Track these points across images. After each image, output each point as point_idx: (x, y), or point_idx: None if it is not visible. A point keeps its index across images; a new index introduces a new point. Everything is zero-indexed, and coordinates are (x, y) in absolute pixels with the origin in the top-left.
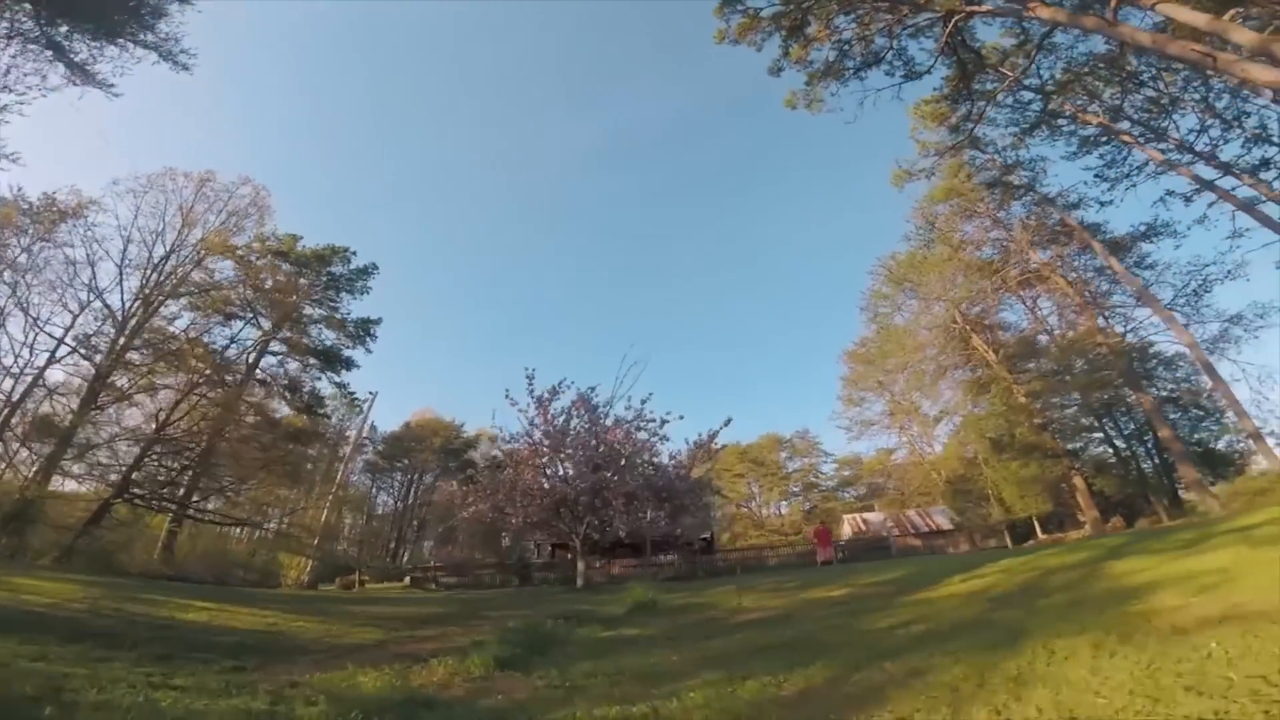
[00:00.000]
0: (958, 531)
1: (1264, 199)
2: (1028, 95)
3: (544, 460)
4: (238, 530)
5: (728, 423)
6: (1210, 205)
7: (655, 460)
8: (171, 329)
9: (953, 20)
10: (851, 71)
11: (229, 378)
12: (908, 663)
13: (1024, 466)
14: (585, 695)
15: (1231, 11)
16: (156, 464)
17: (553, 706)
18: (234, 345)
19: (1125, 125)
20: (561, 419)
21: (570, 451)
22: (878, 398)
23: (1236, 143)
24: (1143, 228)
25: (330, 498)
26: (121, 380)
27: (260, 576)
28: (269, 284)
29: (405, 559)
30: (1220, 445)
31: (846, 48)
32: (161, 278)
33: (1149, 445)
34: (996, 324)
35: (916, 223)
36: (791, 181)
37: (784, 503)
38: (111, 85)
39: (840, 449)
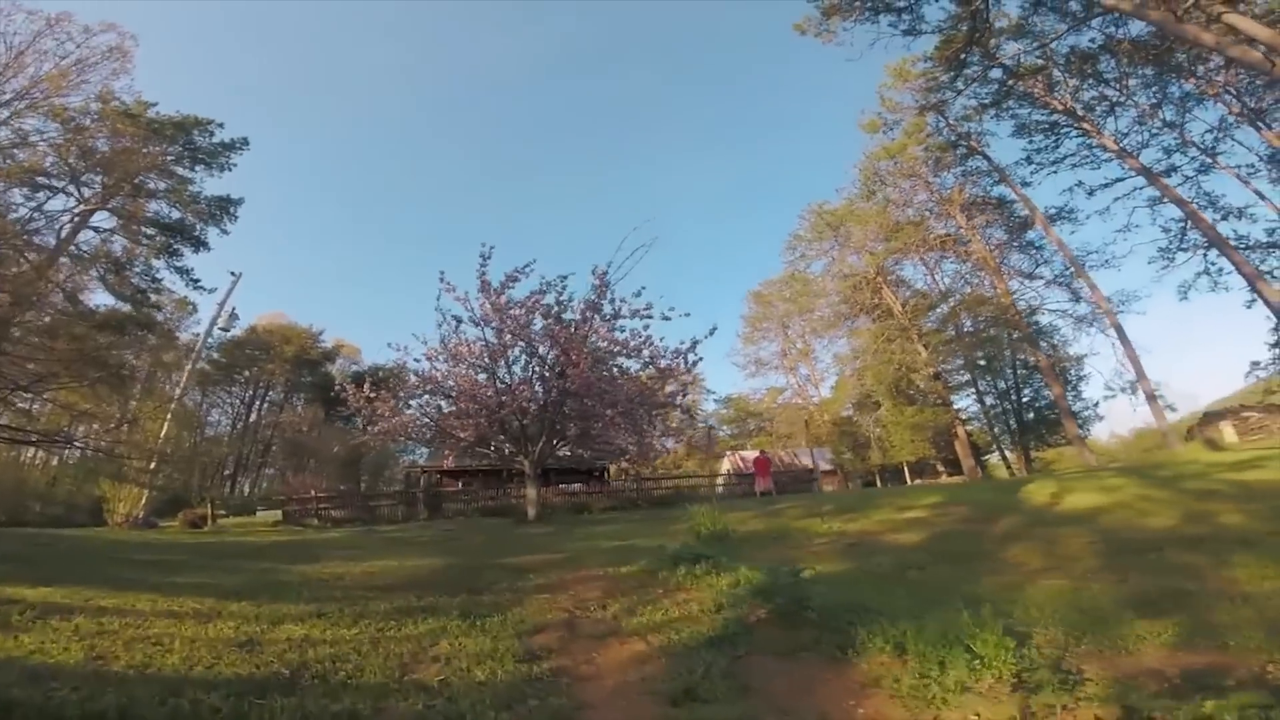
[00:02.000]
0: (825, 475)
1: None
2: (995, 73)
3: (488, 361)
4: (33, 453)
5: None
6: (1115, 200)
7: (659, 362)
8: None
9: None
10: (867, 12)
11: (30, 254)
12: None
13: (919, 412)
14: None
15: None
16: None
17: None
18: (41, 215)
19: (1061, 117)
20: (549, 297)
21: (536, 347)
22: (775, 339)
23: (1154, 149)
24: (1052, 210)
25: (172, 407)
26: None
27: (67, 511)
28: (103, 147)
29: (247, 490)
30: (1076, 408)
31: None
32: None
33: (1014, 405)
34: (900, 280)
35: (862, 174)
36: (719, 115)
37: (668, 438)
38: None
39: (722, 388)
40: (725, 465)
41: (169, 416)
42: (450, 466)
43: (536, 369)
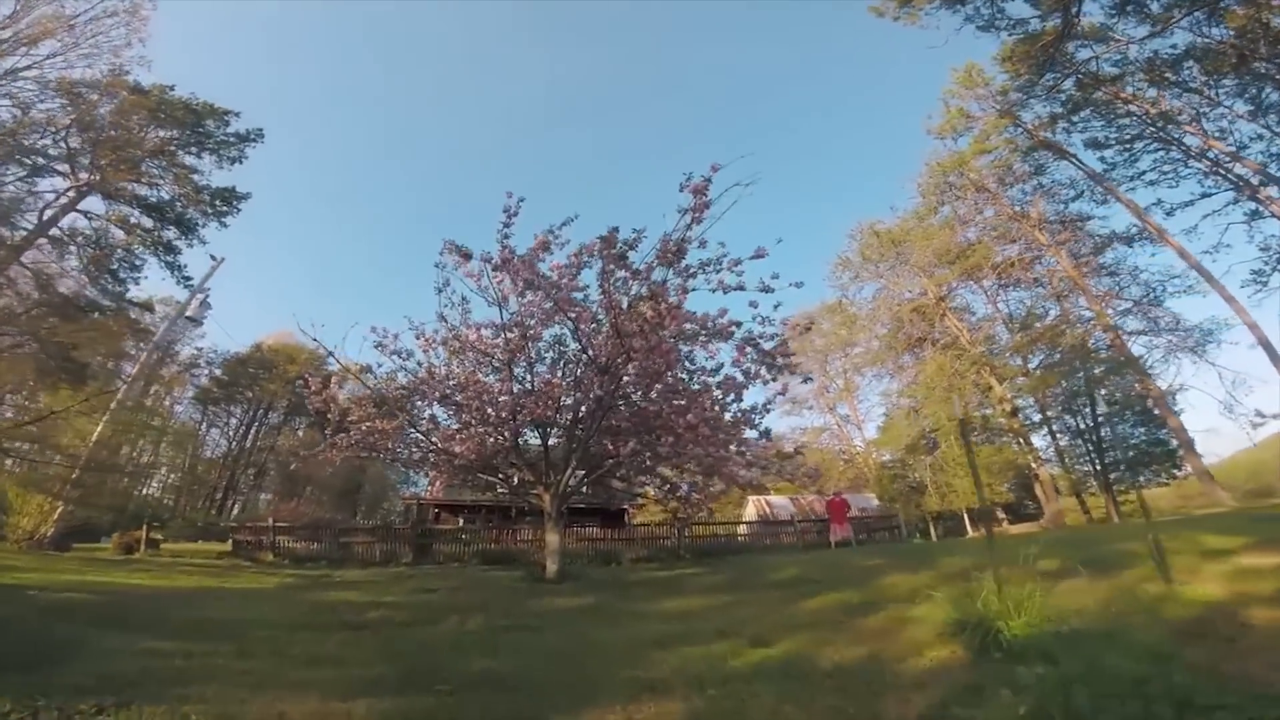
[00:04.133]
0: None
1: None
2: (1067, 83)
3: (503, 355)
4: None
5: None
6: (1204, 217)
7: (763, 345)
8: None
9: None
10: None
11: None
12: None
13: (997, 452)
14: None
15: None
16: None
17: None
18: (28, 193)
19: (1141, 128)
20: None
21: (576, 326)
22: (813, 376)
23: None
24: (1134, 229)
25: (113, 405)
26: None
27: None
28: (105, 120)
29: (235, 512)
30: (1171, 445)
31: None
32: None
33: (1095, 442)
34: (964, 308)
35: (925, 188)
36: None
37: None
38: None
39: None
40: (750, 511)
41: (106, 414)
42: (439, 497)
43: (571, 369)
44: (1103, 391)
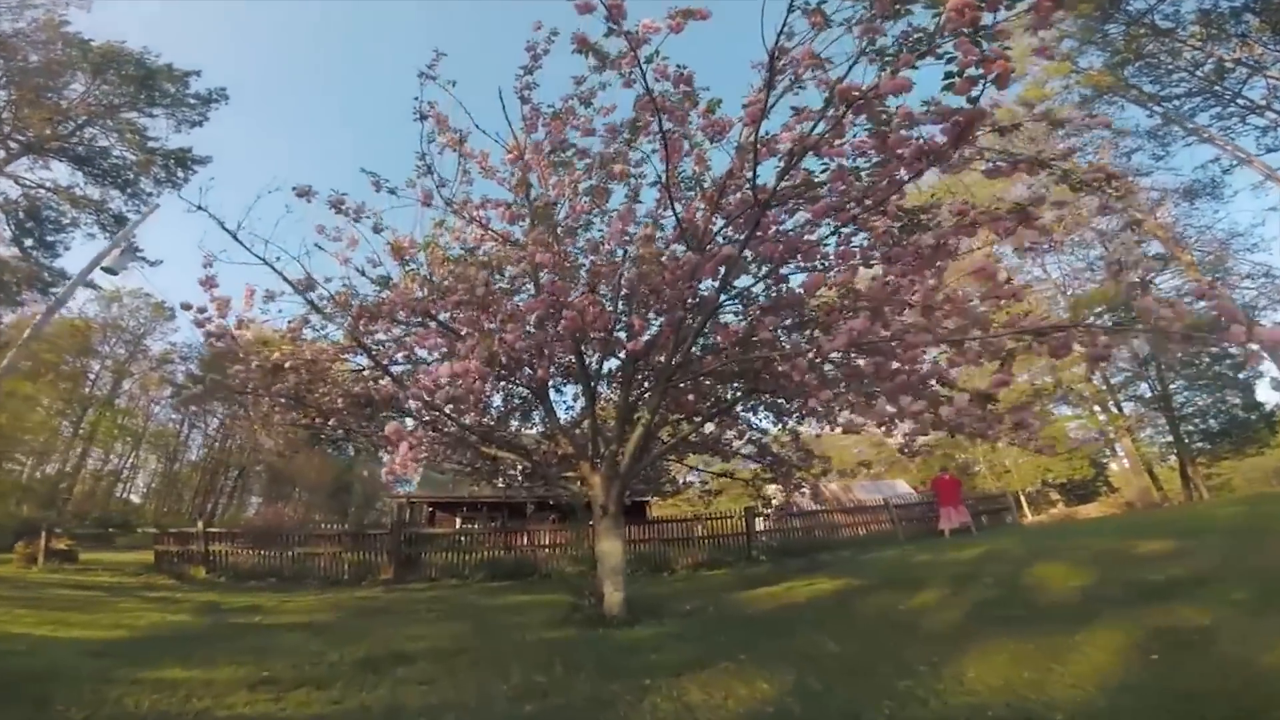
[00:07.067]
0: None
1: None
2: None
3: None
4: None
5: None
6: (1274, 173)
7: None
8: None
9: None
10: None
11: None
12: None
13: (1076, 419)
14: None
15: None
16: None
17: None
18: None
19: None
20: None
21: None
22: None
23: None
24: (1200, 185)
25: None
26: None
27: None
28: (35, 71)
29: (218, 515)
30: (1250, 415)
31: None
32: None
33: (1168, 411)
34: (1014, 268)
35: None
36: None
37: (690, 472)
38: None
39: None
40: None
41: None
42: (429, 493)
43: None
44: (1186, 354)
